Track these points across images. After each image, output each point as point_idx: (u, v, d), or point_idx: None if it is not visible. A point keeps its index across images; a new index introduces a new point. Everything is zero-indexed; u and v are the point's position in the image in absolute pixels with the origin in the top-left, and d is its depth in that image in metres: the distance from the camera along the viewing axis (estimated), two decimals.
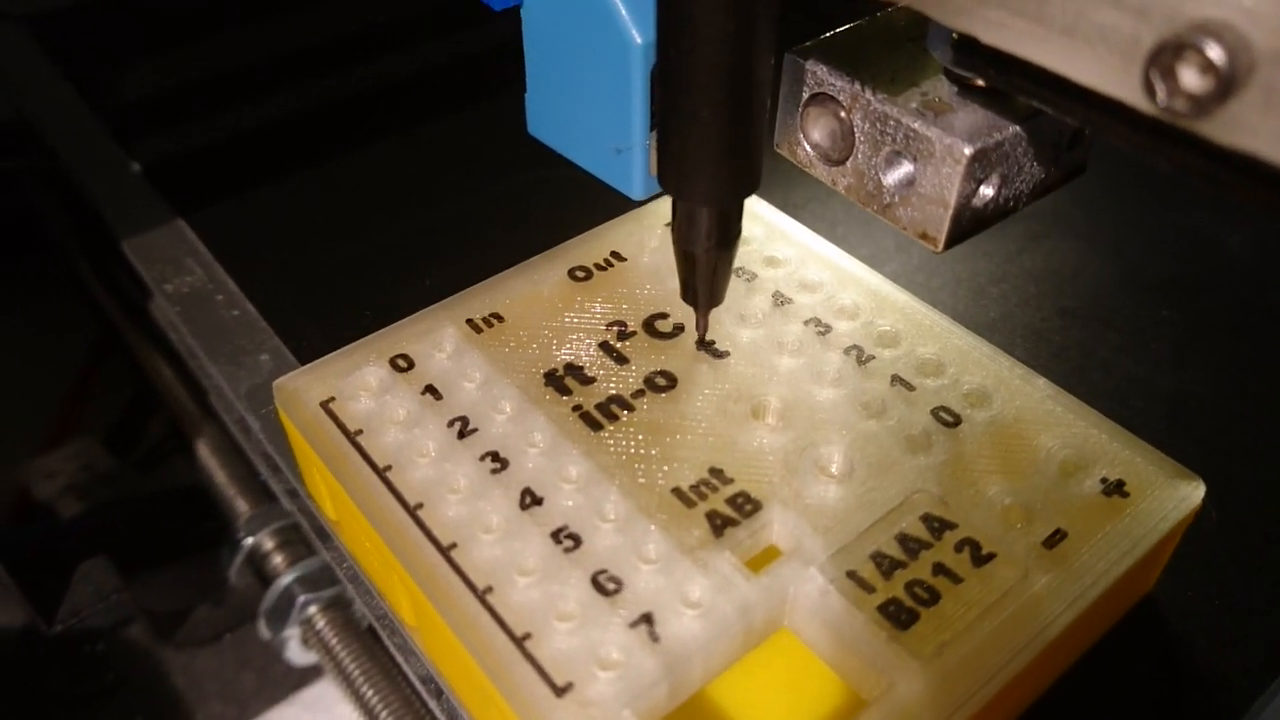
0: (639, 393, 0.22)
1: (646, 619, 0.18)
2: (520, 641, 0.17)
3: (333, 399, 0.22)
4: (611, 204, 0.26)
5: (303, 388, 0.22)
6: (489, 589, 0.18)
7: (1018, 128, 0.16)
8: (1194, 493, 0.20)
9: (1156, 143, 0.13)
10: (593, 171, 0.21)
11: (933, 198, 0.17)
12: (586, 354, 0.22)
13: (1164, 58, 0.12)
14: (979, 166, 0.16)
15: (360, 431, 0.21)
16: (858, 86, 0.17)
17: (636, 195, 0.20)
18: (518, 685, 0.17)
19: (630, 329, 0.23)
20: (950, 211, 0.17)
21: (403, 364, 0.22)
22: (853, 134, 0.17)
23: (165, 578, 0.34)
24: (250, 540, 0.31)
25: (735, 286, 0.24)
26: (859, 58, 0.17)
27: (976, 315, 0.29)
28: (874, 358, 0.22)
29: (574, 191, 0.28)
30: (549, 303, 0.24)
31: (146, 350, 0.36)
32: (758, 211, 0.26)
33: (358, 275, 0.30)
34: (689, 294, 0.21)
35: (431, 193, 0.33)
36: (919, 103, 0.17)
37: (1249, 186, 0.13)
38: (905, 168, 0.17)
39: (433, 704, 0.23)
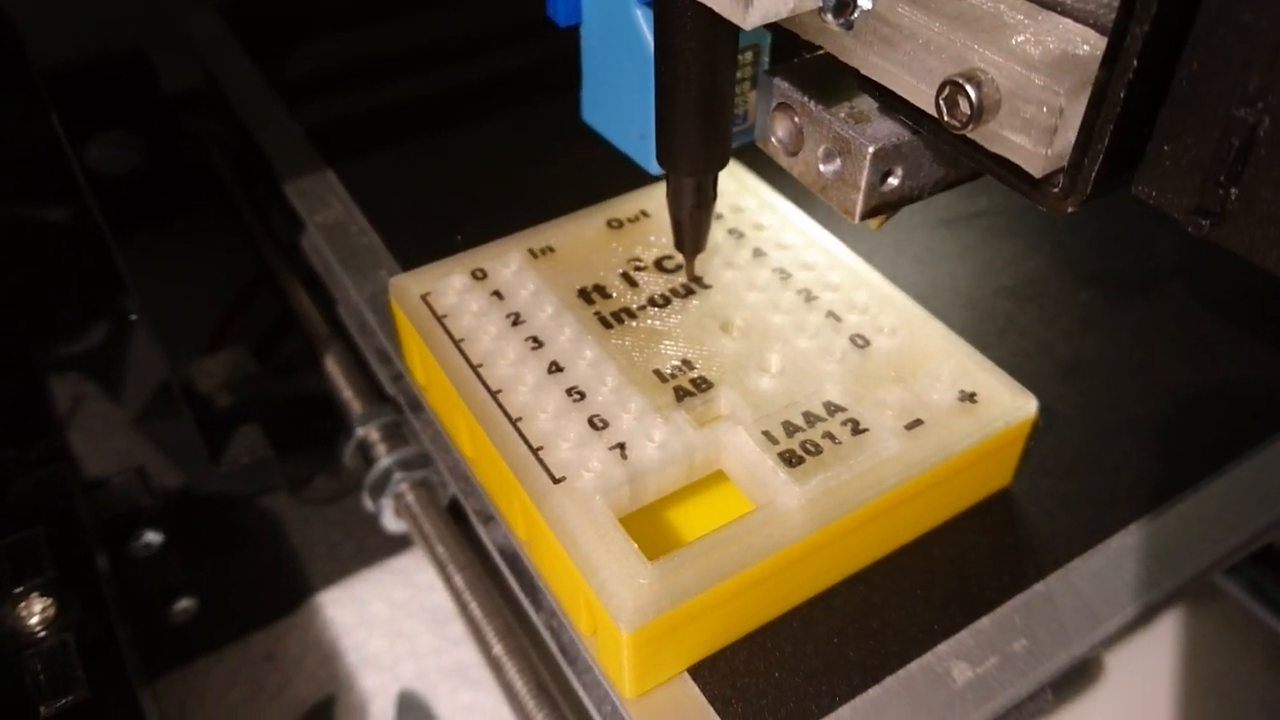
0: (642, 307, 0.30)
1: (621, 446, 0.26)
2: (535, 451, 0.26)
3: (429, 293, 0.31)
4: (641, 179, 0.35)
5: (409, 285, 0.31)
6: (520, 419, 0.27)
7: (914, 136, 0.23)
8: (1028, 405, 0.28)
9: (955, 143, 0.20)
10: (623, 149, 0.29)
11: (850, 183, 0.23)
12: (610, 278, 0.31)
13: (946, 90, 0.19)
14: (881, 162, 0.22)
15: (446, 316, 0.30)
16: (806, 99, 0.23)
17: (653, 170, 0.28)
18: (532, 478, 0.26)
19: (644, 264, 0.32)
20: (860, 194, 0.23)
21: (480, 275, 0.31)
22: (802, 134, 0.24)
23: (298, 456, 0.43)
24: (361, 431, 0.40)
25: (727, 242, 0.33)
26: (812, 79, 0.24)
27: (928, 285, 0.36)
28: (817, 298, 0.31)
29: (617, 167, 0.37)
30: (589, 242, 0.33)
31: (290, 281, 0.46)
32: (753, 187, 0.34)
33: (454, 213, 0.39)
34: (679, 243, 0.29)
35: (516, 156, 0.42)
36: (846, 114, 0.23)
37: (1004, 176, 0.20)
38: (836, 161, 0.23)
39: (481, 530, 0.32)
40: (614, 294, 0.31)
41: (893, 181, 0.23)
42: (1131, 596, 0.27)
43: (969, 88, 0.18)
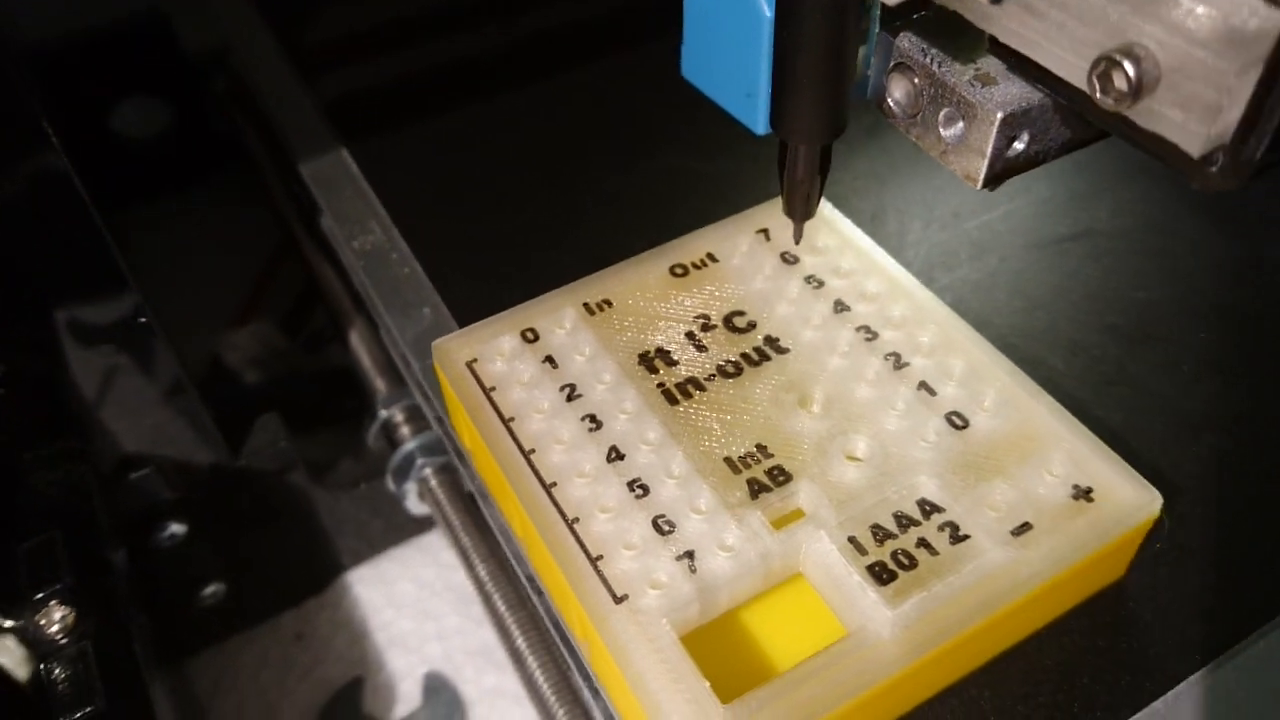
0: (711, 376, 0.27)
1: (689, 555, 0.24)
2: (594, 561, 0.24)
3: (475, 360, 0.28)
4: (703, 204, 0.32)
5: (453, 349, 0.28)
6: (576, 520, 0.24)
7: (1045, 97, 0.21)
8: (1151, 505, 0.24)
9: (1104, 118, 0.18)
10: (727, 109, 0.26)
11: (975, 149, 0.21)
12: (674, 340, 0.28)
13: (1101, 65, 0.17)
14: (1009, 126, 0.21)
15: (494, 388, 0.27)
16: (927, 60, 0.22)
17: (760, 131, 0.25)
18: (590, 593, 0.23)
19: (712, 322, 0.29)
20: (986, 160, 0.21)
21: (530, 336, 0.28)
22: (922, 96, 0.22)
23: (321, 437, 0.43)
24: (385, 413, 0.40)
25: (804, 292, 0.29)
26: (933, 37, 0.22)
27: (1025, 325, 0.33)
28: (908, 364, 0.27)
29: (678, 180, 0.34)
30: (650, 293, 0.29)
31: (316, 256, 0.44)
32: (835, 224, 0.31)
33: (502, 236, 0.36)
34: (789, 210, 0.26)
35: (568, 172, 0.38)
36: (971, 75, 0.21)
37: (1157, 152, 0.18)
38: (959, 124, 0.22)
39: (528, 589, 0.29)
40: (679, 360, 0.28)
41: (1018, 146, 0.21)
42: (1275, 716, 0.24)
43: (1127, 64, 0.17)
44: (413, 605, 0.45)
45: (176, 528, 0.38)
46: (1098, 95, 0.18)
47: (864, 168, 0.38)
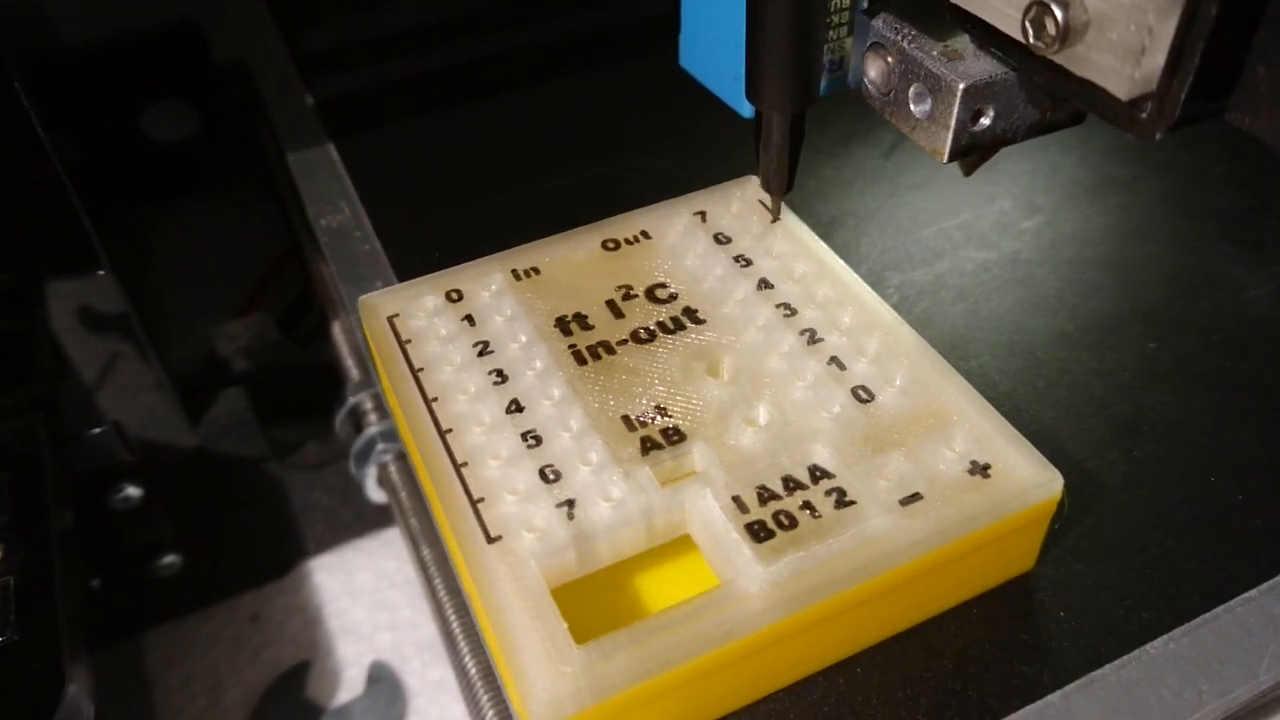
0: (623, 341, 0.27)
1: (570, 503, 0.23)
2: (475, 503, 0.24)
3: (397, 315, 0.28)
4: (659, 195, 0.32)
5: (378, 304, 0.29)
6: (465, 464, 0.24)
7: (1011, 73, 0.21)
8: (1051, 485, 0.24)
9: (1044, 71, 0.19)
10: (717, 93, 0.28)
11: (940, 122, 0.22)
12: (593, 307, 0.28)
13: (1032, 11, 0.18)
14: (972, 99, 0.21)
15: (409, 341, 0.28)
16: (898, 38, 0.22)
17: (744, 113, 0.27)
18: (465, 532, 0.23)
19: (634, 292, 0.29)
20: (950, 133, 0.22)
21: (455, 296, 0.29)
22: (894, 74, 0.23)
23: (294, 425, 0.44)
24: (354, 399, 0.40)
25: (733, 270, 0.29)
26: (908, 18, 0.23)
27: (968, 326, 0.32)
28: (822, 340, 0.27)
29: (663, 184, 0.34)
30: (580, 265, 0.30)
31: (312, 253, 0.45)
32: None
33: (467, 222, 0.37)
34: (765, 183, 0.27)
35: (545, 161, 0.39)
36: (939, 52, 0.22)
37: (1092, 102, 0.18)
38: (927, 100, 0.22)
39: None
40: (595, 325, 0.28)
41: (984, 121, 0.22)
42: (1170, 718, 0.23)
43: (1055, 8, 0.18)
44: (369, 595, 0.45)
45: (132, 490, 0.39)
46: (1032, 41, 0.18)
47: (830, 175, 0.38)
